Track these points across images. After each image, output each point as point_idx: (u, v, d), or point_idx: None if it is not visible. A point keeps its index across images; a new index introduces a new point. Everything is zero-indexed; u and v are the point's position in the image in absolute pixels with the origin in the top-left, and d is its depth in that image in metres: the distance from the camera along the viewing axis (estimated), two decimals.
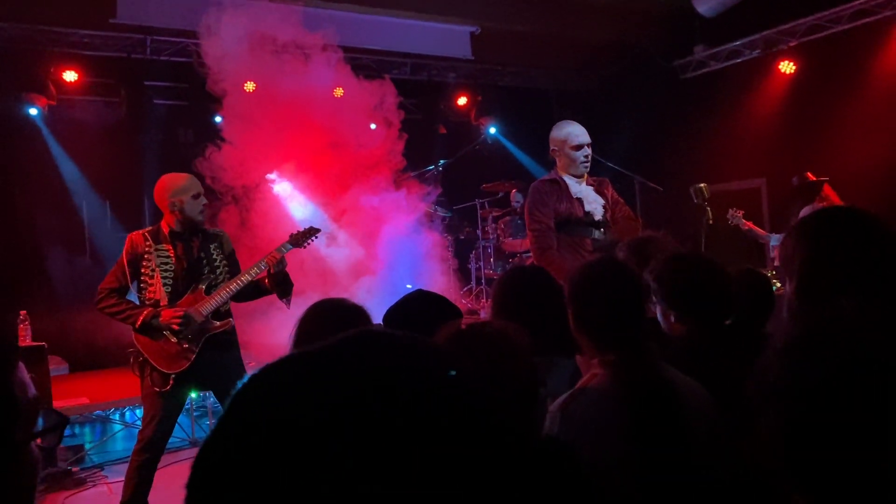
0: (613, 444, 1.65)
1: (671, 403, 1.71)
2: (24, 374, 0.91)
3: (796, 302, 1.68)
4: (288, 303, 4.19)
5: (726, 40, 9.11)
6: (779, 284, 3.34)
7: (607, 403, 1.74)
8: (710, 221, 4.57)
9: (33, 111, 7.52)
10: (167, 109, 8.41)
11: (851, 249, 1.64)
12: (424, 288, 2.51)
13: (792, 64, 8.44)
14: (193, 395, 5.75)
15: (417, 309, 2.20)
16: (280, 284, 4.10)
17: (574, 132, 4.17)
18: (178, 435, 5.64)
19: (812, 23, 8.19)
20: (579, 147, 4.15)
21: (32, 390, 0.91)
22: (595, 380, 1.85)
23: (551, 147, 4.24)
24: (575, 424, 1.71)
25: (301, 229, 4.42)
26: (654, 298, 2.22)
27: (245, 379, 0.54)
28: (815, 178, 6.36)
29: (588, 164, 4.17)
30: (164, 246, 3.93)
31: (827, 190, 6.29)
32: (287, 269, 4.22)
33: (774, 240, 5.97)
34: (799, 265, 1.68)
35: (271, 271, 4.02)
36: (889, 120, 7.45)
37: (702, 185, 4.76)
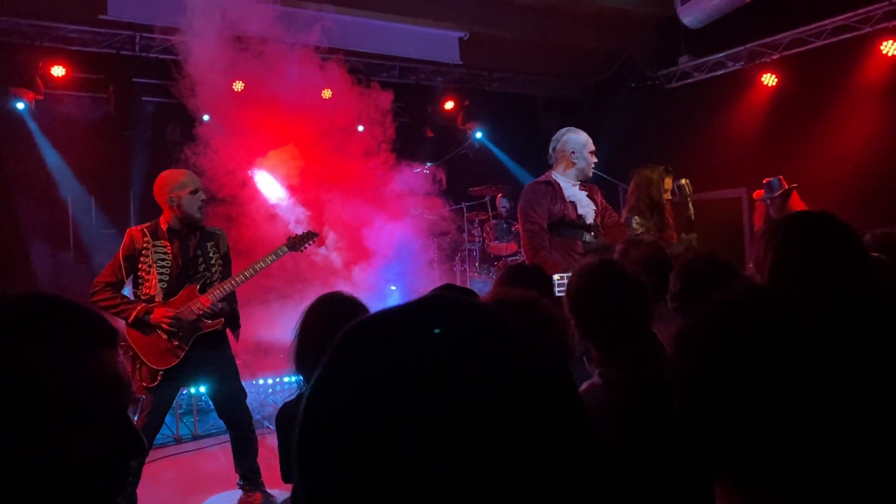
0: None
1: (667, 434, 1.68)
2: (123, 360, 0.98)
3: None
4: (237, 336, 4.26)
5: (711, 52, 9.26)
6: None
7: (598, 423, 1.71)
8: (692, 217, 4.64)
9: (20, 105, 7.47)
10: (155, 106, 8.39)
11: (816, 251, 1.73)
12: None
13: (774, 76, 8.60)
14: (193, 390, 5.76)
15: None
16: (226, 319, 4.12)
17: (589, 138, 4.43)
18: (162, 432, 5.63)
19: (794, 37, 8.36)
20: (593, 152, 4.41)
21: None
22: (591, 393, 1.84)
23: (569, 150, 4.35)
24: None
25: (298, 233, 4.46)
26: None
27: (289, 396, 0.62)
28: (786, 185, 6.41)
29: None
30: (162, 242, 3.96)
31: (794, 197, 6.35)
32: (271, 267, 4.29)
33: None
34: (769, 266, 1.77)
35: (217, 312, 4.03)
36: (866, 133, 7.62)
37: (684, 180, 4.81)
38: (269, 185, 7.70)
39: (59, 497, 0.87)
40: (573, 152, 4.33)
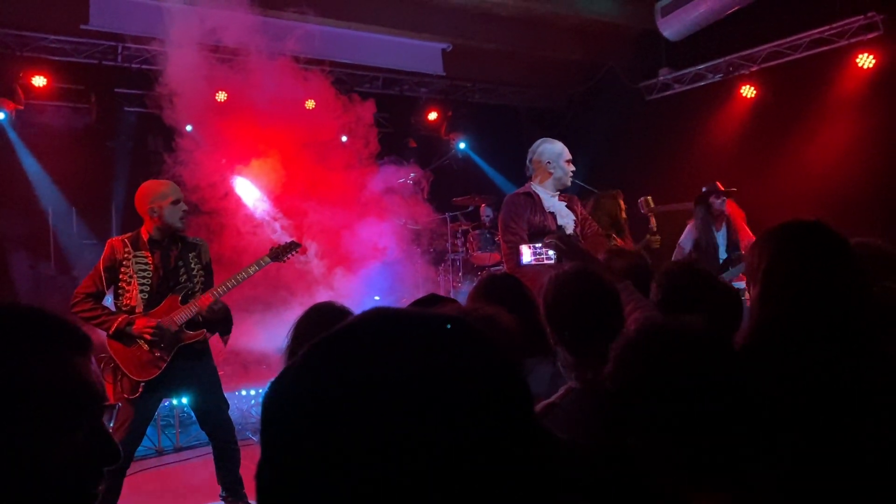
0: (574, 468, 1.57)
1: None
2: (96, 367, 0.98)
3: (758, 307, 1.80)
4: (225, 341, 4.22)
5: (690, 64, 9.37)
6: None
7: (573, 427, 1.72)
8: (654, 227, 5.06)
9: (0, 115, 7.43)
10: (138, 117, 8.35)
11: (809, 259, 1.76)
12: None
13: (753, 88, 8.72)
14: (175, 402, 5.72)
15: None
16: (219, 322, 4.10)
17: (565, 147, 4.45)
18: (144, 444, 5.58)
19: (772, 49, 8.48)
20: (570, 161, 4.43)
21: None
22: (568, 397, 1.86)
23: (545, 160, 4.39)
24: None
25: (281, 243, 4.45)
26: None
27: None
28: (723, 189, 6.44)
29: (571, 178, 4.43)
30: (143, 253, 3.94)
31: (729, 203, 6.41)
32: (255, 277, 4.27)
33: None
34: (761, 274, 1.80)
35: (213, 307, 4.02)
36: (842, 144, 7.75)
37: (648, 196, 5.35)
38: (251, 194, 7.69)
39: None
40: (549, 162, 4.37)
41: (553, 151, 4.40)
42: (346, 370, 0.59)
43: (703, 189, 6.34)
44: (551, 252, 2.96)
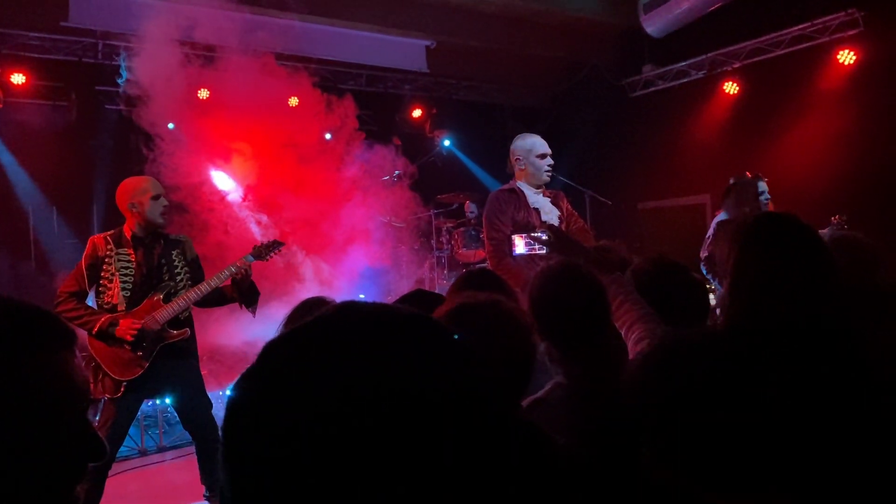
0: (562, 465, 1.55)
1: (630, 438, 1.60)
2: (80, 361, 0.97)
3: (728, 300, 1.80)
4: (254, 311, 4.19)
5: (674, 60, 9.42)
6: None
7: (561, 423, 1.70)
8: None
9: None
10: (118, 115, 8.27)
11: (780, 252, 1.76)
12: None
13: (735, 85, 8.78)
14: (158, 401, 5.67)
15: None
16: (246, 293, 4.10)
17: (538, 142, 4.34)
18: (127, 444, 5.55)
19: (755, 46, 8.54)
20: (543, 156, 4.31)
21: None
22: (557, 392, 1.85)
23: (515, 157, 4.36)
24: None
25: (264, 242, 4.42)
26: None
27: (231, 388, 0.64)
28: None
29: (550, 173, 4.34)
30: (126, 250, 3.89)
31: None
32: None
33: None
34: (732, 266, 1.80)
35: (236, 277, 4.03)
36: (823, 139, 7.81)
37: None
38: (234, 192, 7.64)
39: (14, 501, 0.86)
40: (518, 159, 4.33)
41: (523, 147, 4.34)
42: (301, 369, 0.58)
43: (732, 181, 6.15)
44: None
